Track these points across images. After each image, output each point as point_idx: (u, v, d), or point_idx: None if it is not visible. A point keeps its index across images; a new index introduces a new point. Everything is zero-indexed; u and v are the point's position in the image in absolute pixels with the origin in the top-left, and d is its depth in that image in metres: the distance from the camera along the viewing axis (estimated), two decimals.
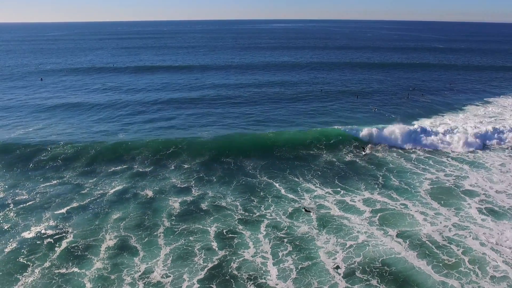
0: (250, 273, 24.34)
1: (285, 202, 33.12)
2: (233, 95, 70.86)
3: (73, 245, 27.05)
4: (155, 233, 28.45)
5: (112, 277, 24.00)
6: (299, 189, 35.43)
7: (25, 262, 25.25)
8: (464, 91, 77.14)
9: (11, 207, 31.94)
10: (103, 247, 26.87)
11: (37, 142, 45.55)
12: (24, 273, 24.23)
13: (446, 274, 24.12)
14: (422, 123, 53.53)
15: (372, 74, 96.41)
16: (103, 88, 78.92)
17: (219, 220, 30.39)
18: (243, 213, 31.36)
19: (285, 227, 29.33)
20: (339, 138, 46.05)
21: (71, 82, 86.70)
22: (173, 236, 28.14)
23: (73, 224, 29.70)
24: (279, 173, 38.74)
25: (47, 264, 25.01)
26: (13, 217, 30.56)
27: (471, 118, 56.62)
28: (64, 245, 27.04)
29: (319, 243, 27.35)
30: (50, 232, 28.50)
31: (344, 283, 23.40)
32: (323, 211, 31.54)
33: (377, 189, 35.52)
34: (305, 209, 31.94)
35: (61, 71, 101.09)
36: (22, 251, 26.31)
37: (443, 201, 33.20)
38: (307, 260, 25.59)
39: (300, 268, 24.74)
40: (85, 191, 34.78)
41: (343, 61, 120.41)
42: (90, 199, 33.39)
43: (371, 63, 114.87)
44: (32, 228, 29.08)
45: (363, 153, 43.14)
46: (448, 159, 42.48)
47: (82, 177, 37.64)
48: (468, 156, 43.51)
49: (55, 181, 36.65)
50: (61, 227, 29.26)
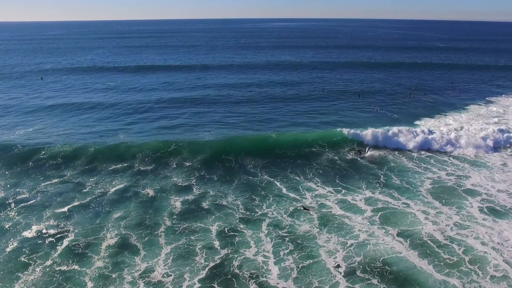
0: (251, 271, 24.35)
1: (286, 201, 33.09)
2: (235, 95, 70.75)
3: (74, 243, 27.09)
4: (156, 232, 28.46)
5: (113, 275, 24.04)
6: (300, 188, 35.39)
7: (26, 261, 25.30)
8: (466, 90, 76.91)
9: (12, 206, 32.00)
10: (104, 245, 26.90)
11: (38, 141, 45.64)
12: (25, 272, 24.29)
13: (447, 273, 24.08)
14: (424, 123, 53.45)
15: (374, 73, 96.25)
16: (103, 88, 78.94)
17: (221, 219, 30.39)
18: (244, 212, 31.35)
19: (287, 226, 29.31)
20: (341, 139, 45.75)
21: (72, 81, 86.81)
22: (174, 235, 28.14)
23: (74, 222, 29.76)
24: (280, 172, 38.73)
25: (48, 263, 25.06)
26: (15, 216, 30.62)
27: (475, 118, 56.15)
28: (65, 243, 27.10)
29: (320, 241, 27.33)
30: (51, 231, 28.56)
31: (345, 282, 23.38)
32: (324, 210, 31.51)
33: (379, 188, 35.46)
34: (303, 207, 31.96)
35: (61, 70, 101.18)
36: (24, 250, 26.35)
37: (444, 200, 33.13)
38: (308, 258, 25.58)
39: (301, 267, 24.73)
40: (86, 190, 34.84)
41: (345, 60, 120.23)
42: (91, 197, 33.45)
43: (373, 62, 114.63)
44: (33, 226, 29.14)
45: (359, 155, 42.47)
46: (450, 159, 42.37)
47: (83, 175, 37.72)
48: (469, 155, 43.39)
49: (55, 180, 36.71)
50: (62, 226, 29.32)
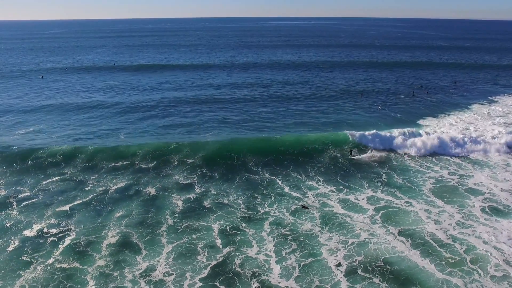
0: (253, 270, 24.31)
1: (288, 200, 33.03)
2: (236, 95, 70.37)
3: (76, 242, 27.09)
4: (157, 231, 28.43)
5: (114, 274, 24.04)
6: (302, 187, 35.33)
7: (28, 259, 25.31)
8: (469, 89, 76.63)
9: (13, 205, 32.00)
10: (105, 244, 26.88)
11: (38, 140, 45.74)
12: (27, 270, 24.30)
13: (449, 272, 24.00)
14: (428, 122, 53.38)
15: (376, 72, 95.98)
16: (104, 87, 78.81)
17: (223, 217, 30.36)
18: (246, 211, 31.30)
19: (288, 225, 29.27)
20: (343, 140, 44.92)
21: (72, 80, 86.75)
22: (175, 234, 28.11)
23: (76, 221, 29.75)
24: (282, 170, 38.63)
25: (50, 261, 25.06)
26: (16, 215, 30.64)
27: (480, 118, 55.51)
28: (67, 242, 27.10)
29: (322, 240, 27.27)
30: (52, 230, 28.56)
31: (346, 281, 23.33)
32: (326, 209, 31.43)
33: (380, 187, 35.37)
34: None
35: (62, 69, 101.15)
36: (25, 249, 26.35)
37: (446, 199, 33.01)
38: (310, 257, 25.55)
39: (302, 265, 24.69)
40: (87, 188, 34.78)
41: (347, 59, 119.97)
42: (93, 195, 33.40)
43: (375, 61, 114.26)
44: (34, 225, 29.15)
45: (350, 155, 41.72)
46: (452, 158, 42.20)
47: (84, 174, 37.60)
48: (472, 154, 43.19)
49: (57, 178, 36.67)
50: (64, 224, 29.31)
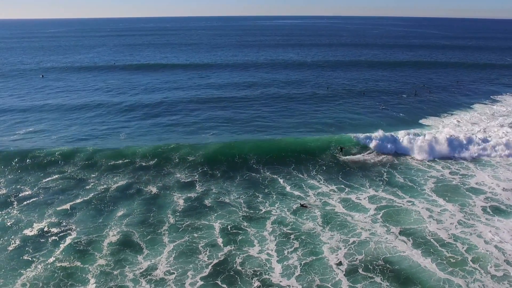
0: (255, 269, 24.27)
1: (291, 199, 32.94)
2: (238, 94, 69.86)
3: (76, 241, 27.05)
4: (159, 230, 28.36)
5: (114, 272, 24.01)
6: (303, 185, 35.25)
7: (30, 258, 25.28)
8: (471, 89, 76.44)
9: (14, 204, 31.94)
10: (106, 243, 26.83)
11: (38, 139, 45.76)
12: (28, 269, 24.27)
13: (451, 272, 23.90)
14: (430, 122, 53.37)
15: (378, 72, 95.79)
16: (104, 86, 78.71)
17: (224, 216, 30.29)
18: (248, 210, 31.22)
19: (290, 223, 29.19)
20: (347, 141, 44.20)
21: (72, 79, 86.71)
22: (176, 233, 28.06)
23: (77, 220, 29.72)
24: (283, 168, 38.48)
25: (50, 260, 25.02)
26: (16, 214, 30.59)
27: (486, 119, 55.05)
28: (67, 241, 27.05)
29: (324, 239, 27.20)
30: (53, 229, 28.54)
31: (346, 281, 23.26)
32: (327, 208, 31.33)
33: (382, 186, 35.25)
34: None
35: (62, 69, 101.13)
36: (26, 248, 26.34)
37: (448, 199, 32.90)
38: (311, 255, 25.50)
39: (303, 264, 24.62)
40: (88, 187, 34.71)
41: (349, 58, 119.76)
42: (93, 194, 33.33)
43: (377, 61, 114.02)
44: (35, 224, 29.09)
45: (341, 154, 41.38)
46: (454, 157, 41.98)
47: (84, 172, 37.39)
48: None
49: (57, 176, 36.52)
50: (65, 223, 29.25)
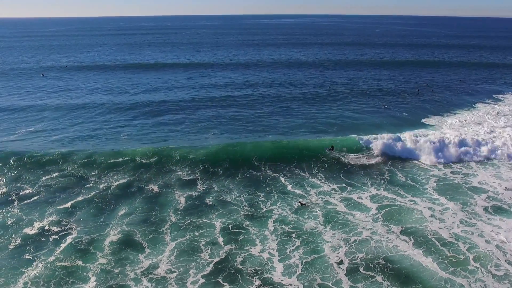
0: (256, 268, 24.23)
1: (292, 197, 32.87)
2: (239, 94, 69.04)
3: (77, 240, 27.03)
4: (160, 229, 28.31)
5: (115, 271, 23.99)
6: (305, 184, 35.19)
7: (30, 257, 25.25)
8: (473, 88, 76.13)
9: (15, 203, 31.89)
10: (107, 241, 26.82)
11: (39, 139, 45.77)
12: (29, 268, 24.26)
13: (452, 271, 23.81)
14: (433, 122, 53.14)
15: (380, 71, 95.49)
16: (104, 85, 78.50)
17: (225, 215, 30.24)
18: (249, 208, 31.18)
19: (292, 222, 29.12)
20: (352, 143, 43.66)
21: (73, 78, 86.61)
22: (178, 232, 28.00)
23: (77, 219, 29.71)
24: (285, 167, 38.36)
25: (51, 259, 24.99)
26: (17, 212, 30.56)
27: (492, 119, 54.63)
28: (68, 240, 27.03)
29: (325, 237, 27.14)
30: (54, 228, 28.53)
31: (347, 280, 23.21)
32: (329, 207, 31.27)
33: (383, 185, 35.16)
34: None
35: (62, 68, 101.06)
36: (27, 247, 26.30)
37: (450, 198, 32.79)
38: (313, 253, 25.47)
39: (304, 263, 24.57)
40: (89, 185, 34.66)
41: (351, 57, 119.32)
42: (94, 193, 33.28)
43: (379, 60, 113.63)
44: (35, 223, 29.06)
45: (331, 151, 41.03)
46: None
47: (85, 171, 37.12)
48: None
49: (56, 174, 36.37)
50: (65, 222, 29.21)
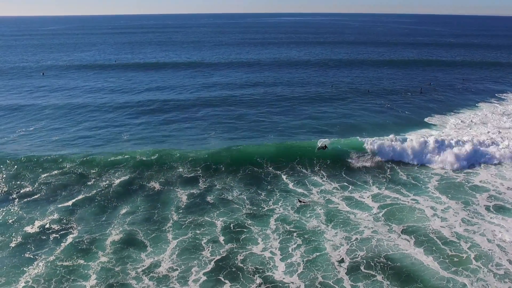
0: (257, 266, 24.23)
1: (294, 196, 32.82)
2: (240, 94, 68.27)
3: (79, 239, 27.04)
4: (162, 227, 28.30)
5: (116, 269, 24.00)
6: (307, 182, 35.14)
7: (31, 256, 25.25)
8: (476, 87, 75.81)
9: (15, 202, 31.86)
10: (109, 241, 26.81)
11: (39, 138, 45.74)
12: (30, 266, 24.27)
13: (453, 270, 23.73)
14: (436, 121, 52.96)
15: (383, 69, 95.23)
16: (105, 84, 78.27)
17: (227, 214, 30.22)
18: (251, 207, 31.16)
19: (293, 221, 29.08)
20: (356, 144, 42.52)
21: (73, 77, 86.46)
22: (179, 230, 27.99)
23: (78, 217, 29.70)
24: (286, 165, 38.25)
25: (52, 258, 24.99)
26: (18, 211, 30.53)
27: (497, 119, 54.20)
28: (69, 239, 27.02)
29: (327, 236, 27.11)
30: (55, 226, 28.53)
31: (348, 278, 23.20)
32: (331, 206, 31.23)
33: (385, 183, 35.10)
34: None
35: (63, 67, 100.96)
36: (28, 246, 26.30)
37: (452, 197, 32.70)
38: (315, 251, 25.46)
39: (306, 261, 24.55)
40: (90, 183, 34.58)
41: (353, 56, 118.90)
42: (95, 191, 33.24)
43: (382, 58, 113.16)
44: (36, 222, 29.04)
45: (323, 148, 40.57)
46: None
47: (85, 169, 36.90)
48: None
49: (56, 172, 36.28)
50: (66, 221, 29.19)
